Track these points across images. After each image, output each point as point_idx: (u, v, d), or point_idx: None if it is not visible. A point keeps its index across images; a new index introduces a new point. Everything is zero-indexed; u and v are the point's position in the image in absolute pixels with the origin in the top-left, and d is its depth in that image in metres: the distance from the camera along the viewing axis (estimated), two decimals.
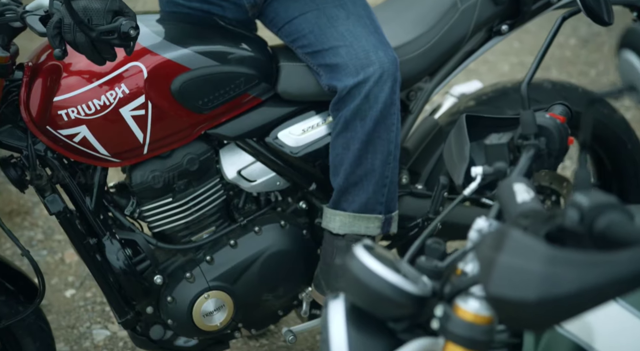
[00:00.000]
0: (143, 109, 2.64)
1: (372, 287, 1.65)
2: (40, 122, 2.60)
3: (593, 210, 1.43)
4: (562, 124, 1.97)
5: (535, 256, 1.39)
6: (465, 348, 1.59)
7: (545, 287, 1.37)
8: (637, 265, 1.35)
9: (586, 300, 1.37)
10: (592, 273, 1.36)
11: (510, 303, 1.40)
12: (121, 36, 2.31)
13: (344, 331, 1.71)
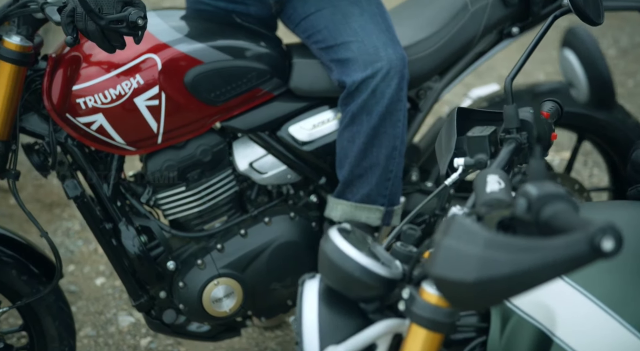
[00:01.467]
0: (157, 99, 2.72)
1: (343, 268, 1.72)
2: (60, 110, 2.70)
3: (540, 200, 1.48)
4: (545, 119, 2.01)
5: (475, 240, 1.44)
6: (428, 329, 1.64)
7: (483, 269, 1.42)
8: (568, 251, 1.39)
9: (521, 282, 1.43)
10: (527, 257, 1.41)
11: (451, 283, 1.46)
12: (129, 25, 2.40)
13: (315, 310, 1.77)
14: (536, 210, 1.48)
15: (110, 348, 3.50)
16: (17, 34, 2.58)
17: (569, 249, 1.38)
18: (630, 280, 1.79)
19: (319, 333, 1.76)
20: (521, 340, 1.76)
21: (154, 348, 3.48)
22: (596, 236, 1.37)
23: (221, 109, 2.85)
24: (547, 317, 1.75)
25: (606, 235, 1.37)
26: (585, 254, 1.38)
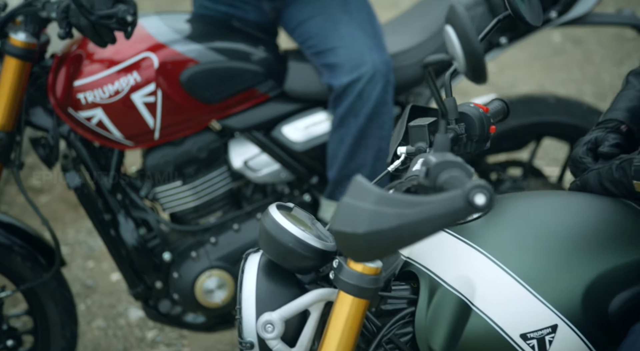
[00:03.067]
0: (153, 96, 2.83)
1: (279, 240, 1.81)
2: (63, 105, 2.82)
3: (437, 167, 1.59)
4: (484, 113, 2.08)
5: (368, 197, 1.54)
6: (353, 295, 1.73)
7: (372, 222, 1.52)
8: (446, 205, 1.50)
9: (406, 234, 1.52)
10: (411, 211, 1.51)
11: (346, 235, 1.54)
12: (119, 21, 2.52)
13: (254, 280, 1.85)
14: (434, 176, 1.58)
15: (118, 340, 3.59)
16: (23, 31, 2.69)
17: (448, 204, 1.49)
18: (547, 259, 1.88)
19: (256, 301, 1.84)
20: (445, 309, 1.85)
21: (159, 341, 3.57)
22: (470, 192, 1.47)
23: (217, 107, 2.95)
24: (469, 289, 1.84)
25: (479, 192, 1.47)
26: (461, 208, 1.48)
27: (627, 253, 1.91)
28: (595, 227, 1.95)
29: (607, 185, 2.05)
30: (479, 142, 2.08)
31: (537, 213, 2.00)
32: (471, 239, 1.92)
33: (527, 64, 5.83)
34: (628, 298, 1.88)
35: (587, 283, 1.85)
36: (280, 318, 1.81)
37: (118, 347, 3.56)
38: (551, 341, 1.83)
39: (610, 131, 2.18)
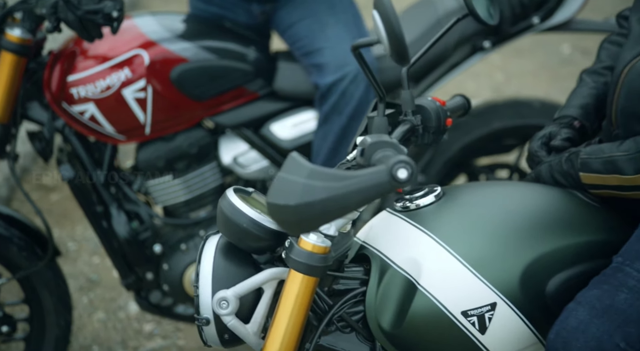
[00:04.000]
0: (143, 92, 2.91)
1: (234, 221, 1.87)
2: (58, 99, 2.89)
3: (372, 146, 1.67)
4: (441, 106, 2.16)
5: (301, 172, 1.61)
6: (303, 273, 1.80)
7: (303, 195, 1.59)
8: (372, 179, 1.59)
9: (334, 206, 1.59)
10: (339, 185, 1.59)
11: (278, 208, 1.61)
12: (105, 16, 2.59)
13: (212, 259, 1.91)
14: (368, 155, 1.65)
15: (117, 332, 3.67)
16: (19, 27, 2.77)
17: (373, 178, 1.57)
18: (490, 243, 1.96)
19: (212, 279, 1.90)
20: (393, 289, 1.92)
21: (156, 334, 3.64)
22: (394, 167, 1.55)
23: (207, 104, 3.02)
24: (416, 269, 1.91)
25: (401, 167, 1.54)
26: (385, 182, 1.57)
27: (565, 238, 1.98)
28: (538, 214, 2.02)
29: (557, 177, 2.12)
30: (436, 134, 2.15)
31: (486, 201, 2.06)
32: (422, 224, 1.98)
33: (534, 73, 5.87)
34: (564, 279, 1.95)
35: (525, 264, 1.92)
36: (234, 295, 1.87)
37: (116, 338, 3.63)
38: (490, 318, 1.89)
39: (564, 126, 2.25)
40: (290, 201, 1.60)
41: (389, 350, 1.96)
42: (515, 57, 6.12)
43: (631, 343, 1.82)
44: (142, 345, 3.60)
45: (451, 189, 2.12)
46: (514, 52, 6.14)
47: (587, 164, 2.07)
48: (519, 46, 6.16)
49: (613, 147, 2.03)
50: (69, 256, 4.17)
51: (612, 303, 1.85)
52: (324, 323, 1.94)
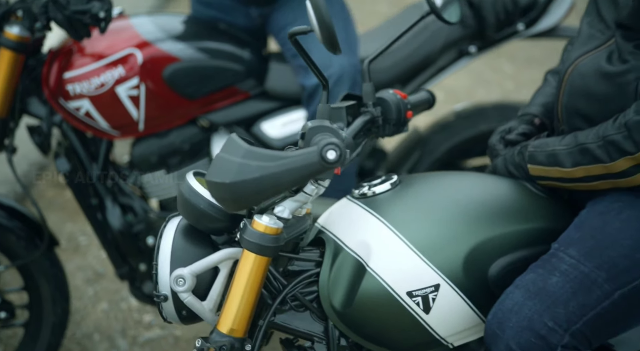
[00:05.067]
0: (137, 89, 2.99)
1: (192, 202, 1.95)
2: (55, 95, 2.98)
3: (311, 130, 1.76)
4: (401, 99, 2.23)
5: (237, 152, 1.69)
6: (255, 253, 1.87)
7: (238, 173, 1.67)
8: (303, 159, 1.69)
9: (267, 184, 1.67)
10: (272, 164, 1.68)
11: (216, 185, 1.69)
12: (92, 17, 2.68)
13: (171, 239, 1.98)
14: (308, 139, 1.73)
15: (118, 321, 3.76)
16: (17, 25, 2.86)
17: (304, 158, 1.66)
18: (436, 228, 2.04)
19: (171, 258, 1.97)
20: (345, 270, 2.00)
21: (154, 324, 3.72)
22: (323, 149, 1.62)
23: (199, 103, 3.09)
24: (366, 252, 2.00)
25: (331, 148, 1.61)
26: (315, 162, 1.65)
27: (508, 225, 2.06)
28: (484, 202, 2.10)
29: (511, 168, 2.19)
30: (397, 126, 2.22)
31: (437, 189, 2.13)
32: (376, 210, 2.05)
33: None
34: (506, 264, 2.02)
35: (468, 249, 1.99)
36: (191, 273, 1.93)
37: (117, 328, 3.72)
38: (434, 299, 1.96)
39: (523, 123, 2.32)
40: (226, 179, 1.68)
41: (340, 328, 2.02)
42: (526, 67, 6.16)
43: (559, 322, 1.90)
44: (141, 334, 3.68)
45: (407, 177, 2.19)
46: (525, 62, 6.18)
47: (533, 156, 2.14)
48: (531, 56, 6.21)
49: (555, 142, 2.10)
50: (79, 249, 4.26)
51: (545, 286, 1.93)
52: (277, 301, 2.01)
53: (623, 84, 2.01)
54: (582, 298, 1.93)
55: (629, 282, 1.96)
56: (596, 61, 2.08)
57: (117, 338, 3.67)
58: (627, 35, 2.04)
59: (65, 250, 4.22)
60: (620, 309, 1.96)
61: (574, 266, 1.95)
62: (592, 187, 2.06)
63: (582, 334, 1.93)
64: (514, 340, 1.92)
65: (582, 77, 2.09)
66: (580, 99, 2.10)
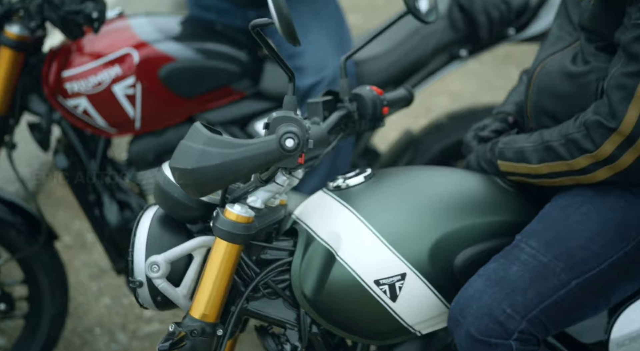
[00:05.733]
0: (133, 88, 3.03)
1: (167, 191, 2.00)
2: (54, 93, 3.04)
3: (275, 120, 1.81)
4: (377, 95, 2.28)
5: (199, 139, 1.73)
6: (226, 241, 1.91)
7: (199, 160, 1.72)
8: (262, 147, 1.75)
9: (228, 171, 1.72)
10: (232, 152, 1.73)
11: (179, 171, 1.73)
12: (85, 17, 2.73)
13: (147, 226, 2.03)
14: (272, 128, 1.77)
15: (119, 316, 3.81)
16: (17, 24, 2.92)
17: (263, 146, 1.71)
18: (404, 219, 2.09)
19: (146, 245, 2.01)
20: (316, 259, 2.04)
21: (154, 319, 3.77)
22: (282, 137, 1.66)
23: (194, 102, 3.14)
24: (336, 242, 2.04)
25: (289, 137, 1.65)
26: (274, 150, 1.70)
27: (475, 217, 2.10)
28: (453, 195, 2.14)
29: (482, 164, 2.22)
30: (373, 121, 2.26)
31: (408, 183, 2.18)
32: (348, 201, 2.10)
33: None
34: (471, 254, 2.06)
35: (435, 239, 2.03)
36: (165, 260, 1.98)
37: (118, 322, 3.77)
38: (401, 287, 2.00)
39: (497, 120, 2.36)
40: (188, 165, 1.73)
41: (312, 315, 2.06)
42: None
43: (516, 309, 1.95)
44: (140, 329, 3.74)
45: (381, 171, 2.23)
46: None
47: (502, 153, 2.18)
48: None
49: (523, 139, 2.15)
50: (86, 246, 4.31)
51: (505, 275, 1.97)
52: (249, 289, 2.05)
53: (585, 84, 2.07)
54: (540, 286, 1.99)
55: (585, 272, 2.01)
56: (562, 61, 2.13)
57: (117, 331, 3.73)
58: (590, 37, 2.09)
59: (72, 247, 4.28)
60: (575, 298, 2.02)
61: (533, 256, 2.00)
62: (556, 183, 2.10)
63: (538, 321, 1.99)
64: (474, 325, 1.97)
65: (549, 77, 2.14)
66: (547, 98, 2.14)
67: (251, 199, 1.97)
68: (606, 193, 2.07)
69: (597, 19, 2.05)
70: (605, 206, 2.05)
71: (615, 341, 2.12)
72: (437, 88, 5.49)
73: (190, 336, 1.94)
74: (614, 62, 1.98)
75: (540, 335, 2.00)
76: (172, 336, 1.94)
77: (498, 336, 1.96)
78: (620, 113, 1.94)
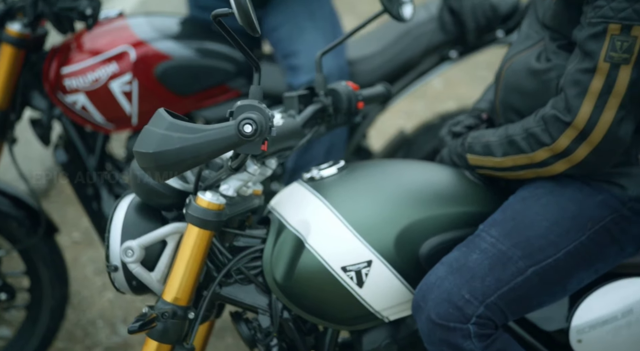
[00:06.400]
0: (129, 85, 3.08)
1: (143, 180, 2.04)
2: (54, 89, 3.09)
3: (239, 108, 1.85)
4: (352, 90, 2.32)
5: (161, 124, 1.77)
6: (198, 227, 1.95)
7: (160, 144, 1.76)
8: (221, 132, 1.78)
9: (188, 155, 1.76)
10: (192, 136, 1.76)
11: (141, 155, 1.77)
12: (79, 13, 2.79)
13: (123, 213, 2.07)
14: (236, 116, 1.80)
15: (121, 309, 3.87)
16: (18, 22, 2.97)
17: (222, 131, 1.76)
18: (372, 208, 2.13)
19: (122, 231, 2.06)
20: (286, 246, 2.09)
21: None
22: (240, 123, 1.69)
23: (190, 99, 3.18)
24: (305, 230, 2.09)
25: (247, 123, 1.69)
26: (233, 135, 1.73)
27: (440, 208, 2.15)
28: (421, 186, 2.19)
29: (454, 158, 2.26)
30: (348, 115, 2.30)
31: (378, 175, 2.22)
32: (319, 191, 2.14)
33: None
34: (437, 243, 2.10)
35: (400, 228, 2.07)
36: (139, 245, 2.02)
37: (119, 315, 3.83)
38: (367, 273, 2.04)
39: (471, 117, 2.39)
40: (150, 149, 1.77)
41: (283, 301, 2.10)
42: None
43: (475, 294, 1.98)
44: None
45: (354, 164, 2.27)
46: None
47: (471, 146, 2.22)
48: None
49: (490, 133, 2.19)
50: (93, 243, 4.35)
51: (465, 262, 2.01)
52: (222, 274, 2.09)
53: (547, 80, 2.13)
54: (498, 273, 2.04)
55: (542, 260, 2.07)
56: (528, 59, 2.18)
57: (119, 324, 3.78)
58: (553, 36, 2.15)
59: (80, 243, 4.34)
60: (532, 285, 2.07)
61: (493, 244, 2.05)
62: (520, 176, 2.15)
63: (496, 306, 2.03)
64: (434, 310, 2.02)
65: (515, 74, 2.19)
66: (513, 94, 2.19)
67: (223, 187, 2.02)
68: (565, 186, 2.13)
69: (558, 18, 2.12)
70: (563, 198, 2.11)
71: (576, 329, 2.17)
72: (445, 93, 5.52)
73: (162, 318, 1.98)
74: (571, 59, 2.06)
75: (499, 320, 2.04)
76: (143, 317, 1.97)
77: (457, 320, 2.01)
78: (575, 108, 2.00)
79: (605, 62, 1.96)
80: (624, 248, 2.12)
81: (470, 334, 2.00)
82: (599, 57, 1.97)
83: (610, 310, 2.16)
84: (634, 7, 1.93)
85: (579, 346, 2.17)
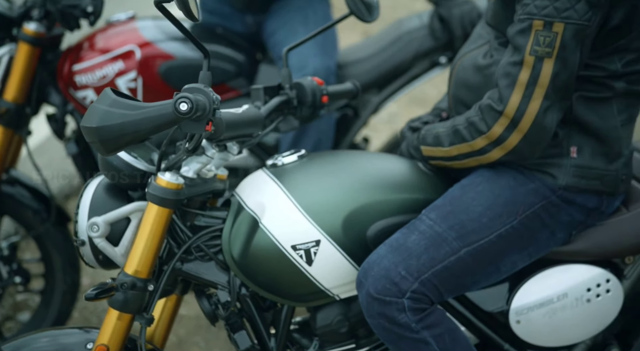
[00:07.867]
0: (134, 82, 3.18)
1: (109, 160, 2.12)
2: (67, 86, 3.20)
3: (183, 90, 1.94)
4: (318, 85, 2.39)
5: (105, 101, 1.85)
6: (156, 204, 2.04)
7: (103, 119, 1.85)
8: (160, 110, 1.87)
9: (128, 131, 1.84)
10: (132, 113, 1.84)
11: (86, 129, 1.86)
12: (82, 11, 2.90)
13: (92, 191, 2.15)
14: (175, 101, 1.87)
15: None
16: (34, 22, 3.09)
17: (160, 108, 1.83)
18: (323, 192, 2.21)
19: (89, 208, 2.14)
20: (243, 226, 2.17)
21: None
22: (177, 101, 1.76)
23: None
24: (260, 210, 2.16)
25: (183, 101, 1.76)
26: (170, 112, 1.80)
27: (388, 194, 2.22)
28: (371, 174, 2.27)
29: (411, 151, 2.33)
30: (312, 108, 2.37)
31: (336, 163, 2.30)
32: (277, 177, 2.22)
33: None
34: (383, 226, 2.19)
35: (348, 211, 2.15)
36: (104, 221, 2.10)
37: None
38: (315, 252, 2.11)
39: (432, 115, 2.46)
40: (93, 124, 1.85)
41: (240, 277, 2.17)
42: None
43: (410, 271, 2.07)
44: None
45: (315, 153, 2.34)
46: None
47: (424, 138, 2.29)
48: None
49: (440, 125, 2.25)
50: None
51: (404, 242, 2.08)
52: (182, 250, 2.16)
53: (489, 75, 2.22)
54: (433, 252, 2.12)
55: (474, 242, 2.14)
56: (476, 56, 2.28)
57: None
58: (496, 34, 2.25)
59: None
60: (465, 264, 2.14)
61: (430, 226, 2.12)
62: (464, 164, 2.22)
63: (430, 283, 2.11)
64: (373, 286, 2.10)
65: (464, 71, 2.28)
66: (462, 89, 2.27)
67: (184, 169, 2.10)
68: (500, 174, 2.22)
69: (497, 17, 2.22)
70: (498, 185, 2.20)
71: (515, 311, 2.23)
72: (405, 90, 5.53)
73: (121, 288, 2.06)
74: (505, 53, 2.14)
75: (433, 296, 2.12)
76: (102, 286, 2.05)
77: (393, 295, 2.08)
78: (506, 98, 2.09)
79: (530, 55, 2.05)
80: (554, 233, 2.18)
81: (405, 308, 2.08)
82: (525, 51, 2.06)
83: (547, 294, 2.22)
84: (554, 5, 2.02)
85: (517, 327, 2.23)
